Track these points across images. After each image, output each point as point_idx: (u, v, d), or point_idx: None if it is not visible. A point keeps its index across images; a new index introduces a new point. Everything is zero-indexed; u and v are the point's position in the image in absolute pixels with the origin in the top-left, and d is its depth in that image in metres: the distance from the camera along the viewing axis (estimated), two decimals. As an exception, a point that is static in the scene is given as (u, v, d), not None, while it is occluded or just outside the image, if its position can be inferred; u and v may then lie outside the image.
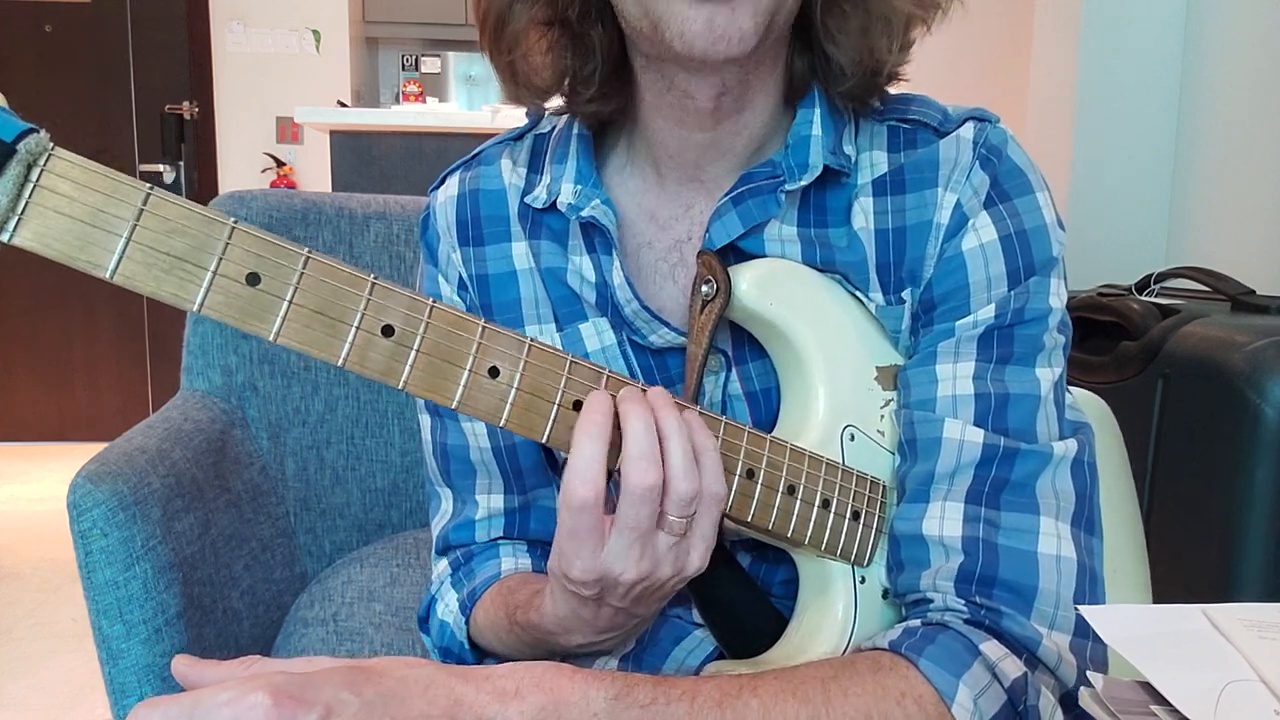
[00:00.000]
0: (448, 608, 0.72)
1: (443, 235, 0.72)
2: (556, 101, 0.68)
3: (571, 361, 0.53)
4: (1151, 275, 1.48)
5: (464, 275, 0.71)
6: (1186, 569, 1.17)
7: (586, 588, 0.54)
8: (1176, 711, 0.39)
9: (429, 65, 4.93)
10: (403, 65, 4.96)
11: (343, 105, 4.04)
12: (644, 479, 0.51)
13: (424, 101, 4.42)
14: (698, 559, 0.55)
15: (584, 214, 0.65)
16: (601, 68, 0.63)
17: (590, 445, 0.51)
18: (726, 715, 0.50)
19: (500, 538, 0.74)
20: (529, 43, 0.64)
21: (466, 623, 0.70)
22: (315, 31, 4.37)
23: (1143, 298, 1.41)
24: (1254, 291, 1.35)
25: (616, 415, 0.53)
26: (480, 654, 0.72)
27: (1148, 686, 0.41)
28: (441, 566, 0.75)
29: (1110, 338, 1.35)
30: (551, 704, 0.47)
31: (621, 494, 0.51)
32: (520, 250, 0.70)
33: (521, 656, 0.66)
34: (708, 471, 0.53)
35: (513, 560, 0.72)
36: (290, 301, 0.46)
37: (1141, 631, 0.44)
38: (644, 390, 0.55)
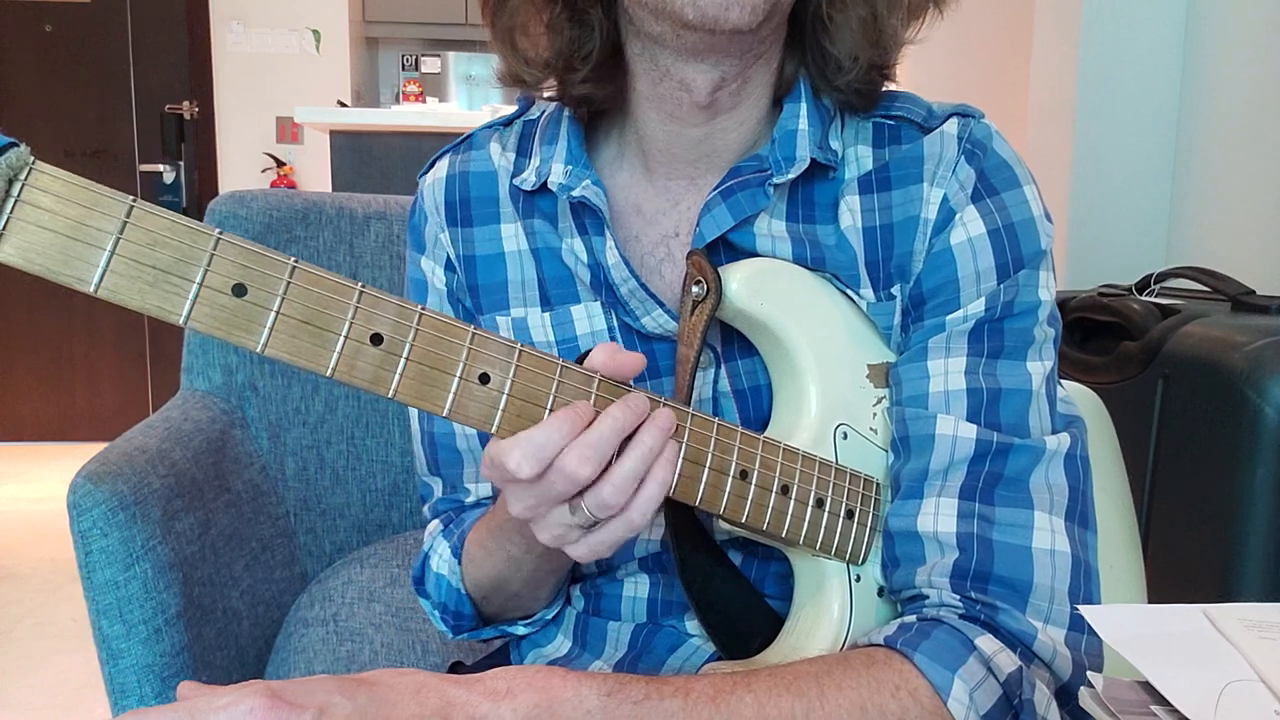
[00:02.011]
0: (441, 558, 0.72)
1: (430, 215, 0.72)
2: (549, 89, 0.68)
3: (563, 367, 0.53)
4: (1151, 275, 1.48)
5: (451, 255, 0.72)
6: (1186, 569, 1.17)
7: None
8: (1176, 711, 0.39)
9: (429, 65, 4.93)
10: (403, 65, 4.96)
11: (343, 105, 4.04)
12: (578, 468, 0.50)
13: (424, 101, 4.42)
14: (580, 551, 0.54)
15: (575, 194, 0.65)
16: (599, 48, 0.63)
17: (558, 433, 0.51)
18: (720, 710, 0.50)
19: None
20: (530, 13, 0.64)
21: (460, 565, 0.71)
22: (315, 31, 4.37)
23: (1143, 298, 1.41)
24: (1254, 291, 1.35)
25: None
26: (476, 608, 0.72)
27: (1148, 686, 0.41)
28: (433, 525, 0.76)
29: (1110, 338, 1.35)
30: (545, 701, 0.47)
31: (554, 463, 0.50)
32: (510, 232, 0.70)
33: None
34: (641, 499, 0.52)
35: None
36: (277, 312, 0.46)
37: (1141, 631, 0.44)
38: (654, 401, 0.55)
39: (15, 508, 3.42)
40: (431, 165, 0.75)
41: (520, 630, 0.74)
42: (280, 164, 4.36)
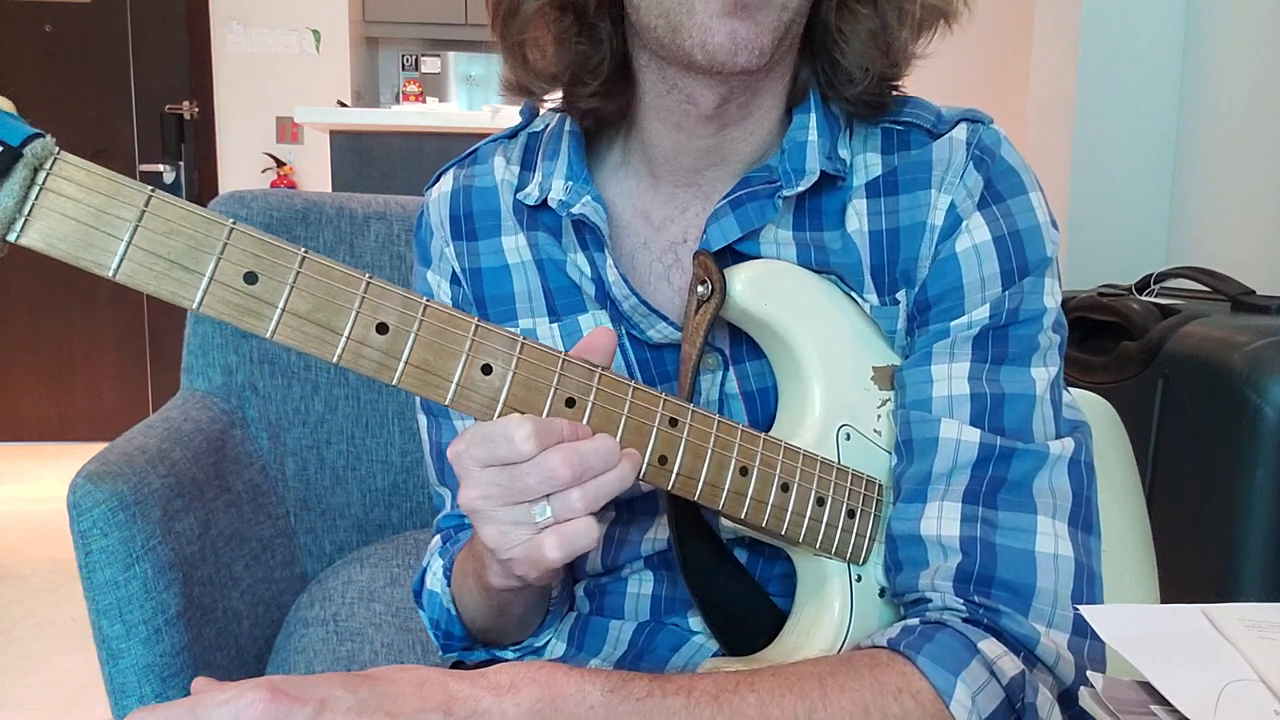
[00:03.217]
0: (435, 575, 0.73)
1: (436, 230, 0.73)
2: (554, 99, 0.68)
3: (565, 359, 0.53)
4: (1151, 275, 1.48)
5: (457, 269, 0.72)
6: (1186, 569, 1.17)
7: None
8: (1176, 711, 0.39)
9: (429, 65, 4.93)
10: (403, 65, 4.96)
11: (343, 105, 4.03)
12: (560, 469, 0.51)
13: (424, 101, 4.42)
14: (517, 553, 0.53)
15: (574, 211, 0.65)
16: (608, 61, 0.63)
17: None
18: (723, 709, 0.50)
19: None
20: (540, 27, 0.64)
21: (450, 585, 0.71)
22: (315, 31, 4.36)
23: (1143, 298, 1.41)
24: (1254, 291, 1.35)
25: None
26: (466, 629, 0.72)
27: (1148, 686, 0.41)
28: (435, 541, 0.76)
29: (1110, 338, 1.35)
30: (548, 697, 0.47)
31: (535, 460, 0.51)
32: (512, 244, 0.70)
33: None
34: (582, 519, 0.53)
35: None
36: (286, 300, 0.47)
37: (1141, 631, 0.44)
38: (655, 397, 0.54)
39: (15, 508, 3.42)
40: (437, 179, 0.75)
41: (509, 655, 0.74)
42: (280, 164, 4.36)
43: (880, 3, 0.62)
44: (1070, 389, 0.67)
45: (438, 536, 0.76)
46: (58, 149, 0.44)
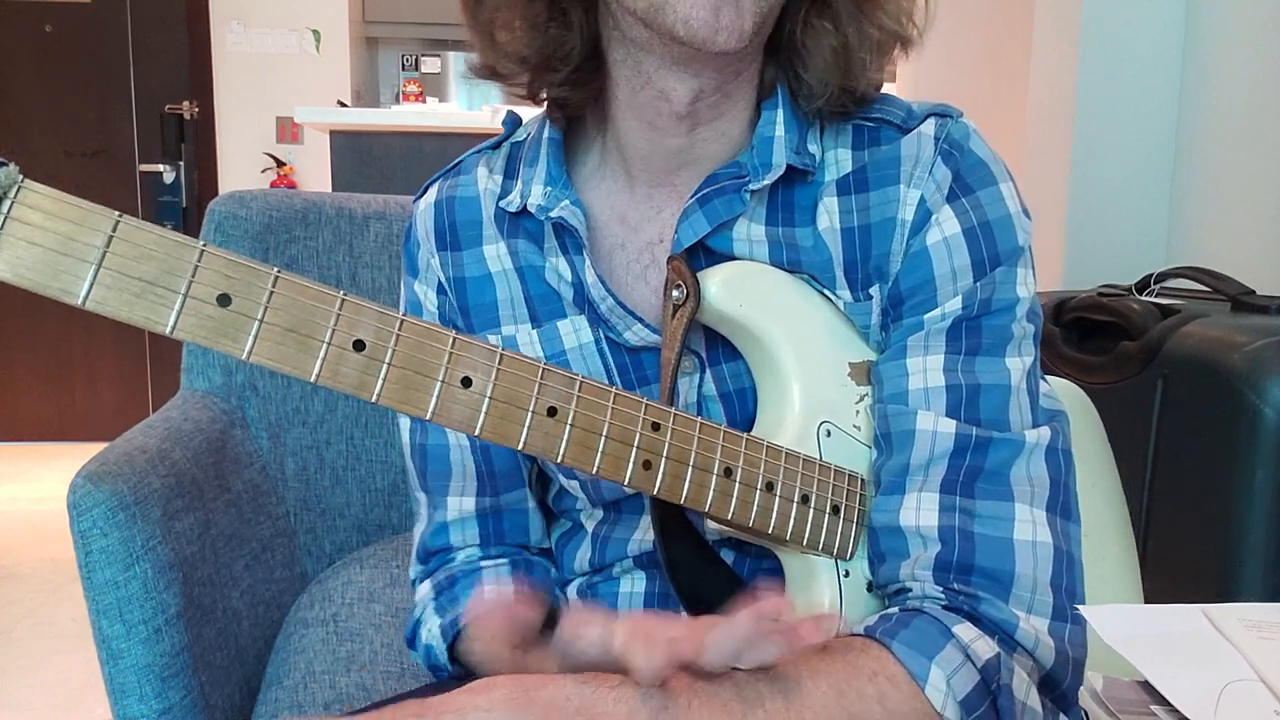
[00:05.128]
0: (430, 632, 0.72)
1: (422, 241, 0.74)
2: (536, 110, 0.69)
3: (545, 369, 0.54)
4: (1151, 275, 1.48)
5: (442, 279, 0.73)
6: (1186, 569, 1.17)
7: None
8: (1176, 711, 0.39)
9: (429, 65, 4.94)
10: (403, 65, 4.96)
11: (343, 105, 4.04)
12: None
13: (424, 101, 4.43)
14: None
15: (553, 215, 0.66)
16: (580, 49, 0.64)
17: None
18: (699, 693, 0.50)
19: (476, 547, 0.75)
20: (509, 8, 0.64)
21: (449, 647, 0.70)
22: (315, 31, 4.37)
23: (1143, 298, 1.41)
24: (1254, 291, 1.35)
25: None
26: (468, 674, 0.72)
27: (1148, 686, 0.41)
28: (424, 590, 0.75)
29: (1110, 338, 1.35)
30: (520, 686, 0.48)
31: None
32: (493, 252, 0.71)
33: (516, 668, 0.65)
34: None
35: (495, 585, 0.72)
36: (261, 320, 0.47)
37: (1141, 631, 0.44)
38: (636, 402, 0.54)
39: (15, 508, 3.42)
40: (424, 191, 0.76)
41: None
42: (280, 164, 4.36)
43: (842, 22, 0.63)
44: (1046, 378, 0.67)
45: (427, 583, 0.75)
46: (21, 177, 0.43)
